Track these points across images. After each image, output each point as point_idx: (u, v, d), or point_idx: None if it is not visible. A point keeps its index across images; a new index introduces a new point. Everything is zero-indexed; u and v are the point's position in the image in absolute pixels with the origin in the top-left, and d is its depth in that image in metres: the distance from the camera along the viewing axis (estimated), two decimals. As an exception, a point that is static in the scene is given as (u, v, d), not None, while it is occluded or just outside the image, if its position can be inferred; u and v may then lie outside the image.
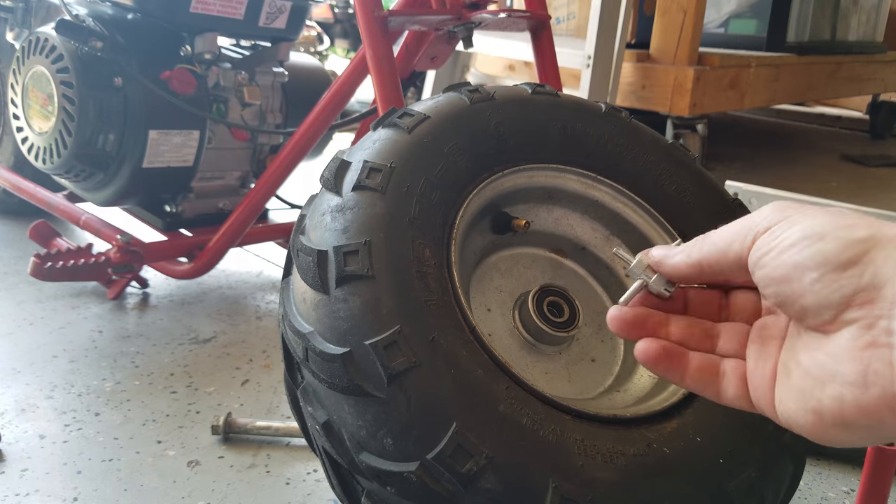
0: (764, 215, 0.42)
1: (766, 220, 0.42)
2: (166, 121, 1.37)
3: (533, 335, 0.73)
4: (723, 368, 0.47)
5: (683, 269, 0.46)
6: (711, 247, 0.45)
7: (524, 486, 0.55)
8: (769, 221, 0.42)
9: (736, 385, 0.46)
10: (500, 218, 0.77)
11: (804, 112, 4.27)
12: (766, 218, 0.42)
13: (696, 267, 0.46)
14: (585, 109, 0.82)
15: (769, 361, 0.44)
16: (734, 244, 0.43)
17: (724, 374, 0.47)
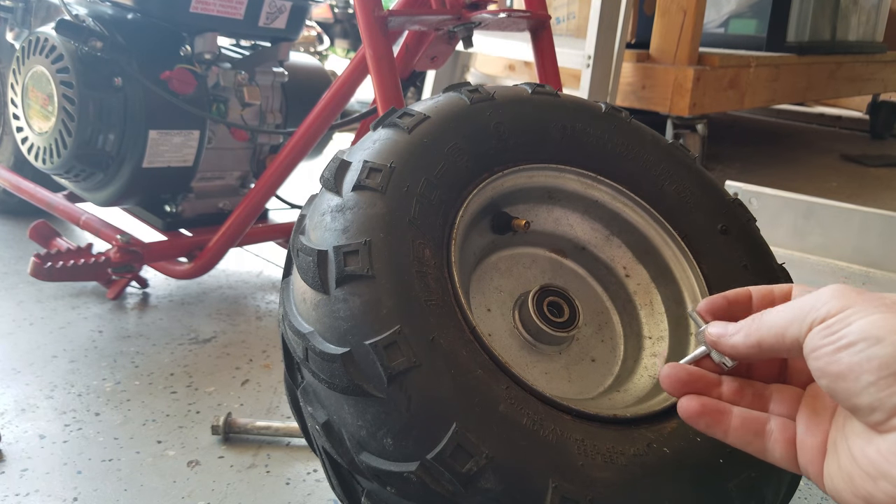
0: (823, 300, 0.42)
1: (824, 308, 0.41)
2: (166, 121, 1.37)
3: (533, 335, 0.73)
4: (769, 428, 0.48)
5: (742, 350, 0.47)
6: (769, 330, 0.45)
7: (524, 486, 0.55)
8: (828, 310, 0.41)
9: (783, 447, 0.47)
10: (500, 218, 0.77)
11: (804, 112, 4.27)
12: (825, 304, 0.42)
13: (754, 348, 0.46)
14: (585, 109, 0.82)
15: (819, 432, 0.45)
16: (791, 328, 0.43)
17: (771, 434, 0.48)
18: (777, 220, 1.57)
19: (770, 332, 0.44)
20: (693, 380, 0.50)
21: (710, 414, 0.49)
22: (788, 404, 0.48)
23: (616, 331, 0.81)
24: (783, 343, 0.43)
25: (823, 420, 0.45)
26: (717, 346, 0.49)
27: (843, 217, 1.50)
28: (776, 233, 1.57)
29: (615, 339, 0.80)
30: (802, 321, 0.42)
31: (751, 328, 0.46)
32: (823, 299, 0.42)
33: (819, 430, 0.45)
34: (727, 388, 0.50)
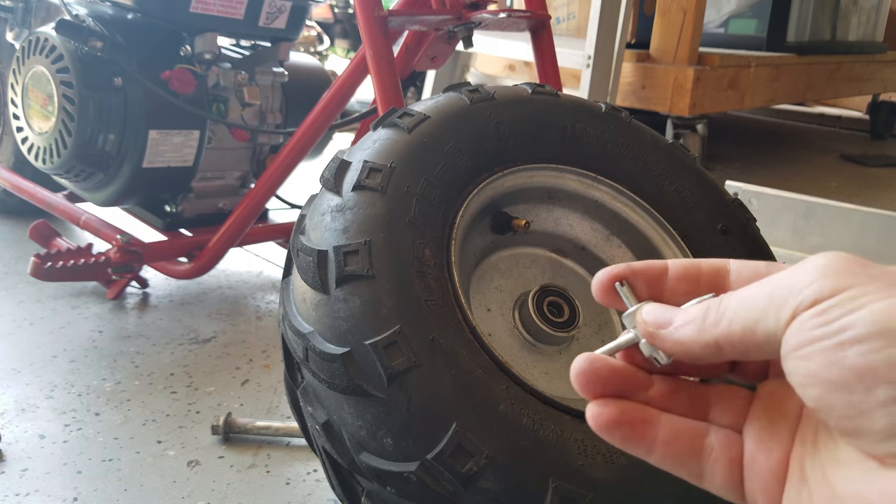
0: (809, 279, 0.29)
1: (812, 289, 0.28)
2: (166, 121, 1.37)
3: (533, 335, 0.73)
4: (708, 443, 0.34)
5: (693, 349, 0.33)
6: (735, 322, 0.31)
7: (524, 486, 0.55)
8: (817, 291, 0.28)
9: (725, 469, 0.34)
10: (500, 218, 0.77)
11: (804, 112, 4.27)
12: (811, 284, 0.28)
13: (710, 348, 0.32)
14: (585, 109, 0.82)
15: (776, 450, 0.32)
16: (766, 318, 0.29)
17: (710, 452, 0.34)
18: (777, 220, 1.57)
19: (737, 324, 0.31)
20: (616, 379, 0.36)
21: (629, 424, 0.35)
22: (736, 410, 0.35)
23: (616, 331, 0.81)
24: (753, 339, 0.30)
25: (782, 433, 0.32)
26: (655, 341, 0.35)
27: (843, 217, 1.50)
28: (776, 233, 1.57)
29: (615, 339, 0.80)
30: (781, 307, 0.29)
31: (706, 320, 0.32)
32: (808, 275, 0.29)
33: (776, 446, 0.32)
34: (657, 389, 0.36)
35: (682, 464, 0.35)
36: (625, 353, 0.37)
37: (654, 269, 0.37)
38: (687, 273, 0.36)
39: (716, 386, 0.36)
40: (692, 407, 0.36)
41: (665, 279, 0.37)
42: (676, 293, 0.36)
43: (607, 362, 0.37)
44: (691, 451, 0.34)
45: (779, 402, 0.33)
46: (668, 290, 0.36)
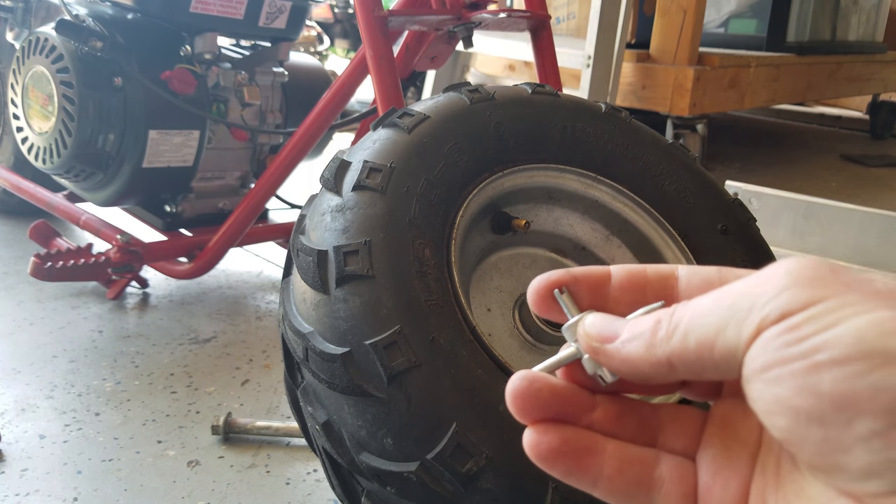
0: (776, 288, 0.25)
1: (780, 300, 0.25)
2: (166, 121, 1.37)
3: (533, 335, 0.73)
4: (658, 474, 0.30)
5: (642, 368, 0.28)
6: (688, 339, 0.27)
7: (524, 486, 0.55)
8: (786, 303, 0.24)
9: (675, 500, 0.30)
10: (500, 218, 0.77)
11: (804, 112, 4.27)
12: (779, 294, 0.25)
13: (662, 366, 0.28)
14: (585, 109, 0.82)
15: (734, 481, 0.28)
16: (726, 334, 0.26)
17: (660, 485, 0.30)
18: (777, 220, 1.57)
19: (691, 340, 0.26)
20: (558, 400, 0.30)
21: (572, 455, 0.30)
22: (688, 434, 0.31)
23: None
24: (711, 358, 0.26)
25: (740, 462, 0.28)
26: (599, 357, 0.30)
27: (843, 217, 1.50)
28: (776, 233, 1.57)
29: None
30: (743, 321, 0.25)
31: (657, 334, 0.28)
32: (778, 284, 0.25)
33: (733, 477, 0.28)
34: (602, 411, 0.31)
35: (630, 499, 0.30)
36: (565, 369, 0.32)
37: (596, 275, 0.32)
38: (632, 280, 0.32)
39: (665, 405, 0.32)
40: (641, 430, 0.31)
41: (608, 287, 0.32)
42: (621, 303, 0.32)
43: (548, 382, 0.30)
44: (639, 484, 0.30)
45: (735, 424, 0.29)
46: (612, 299, 0.32)
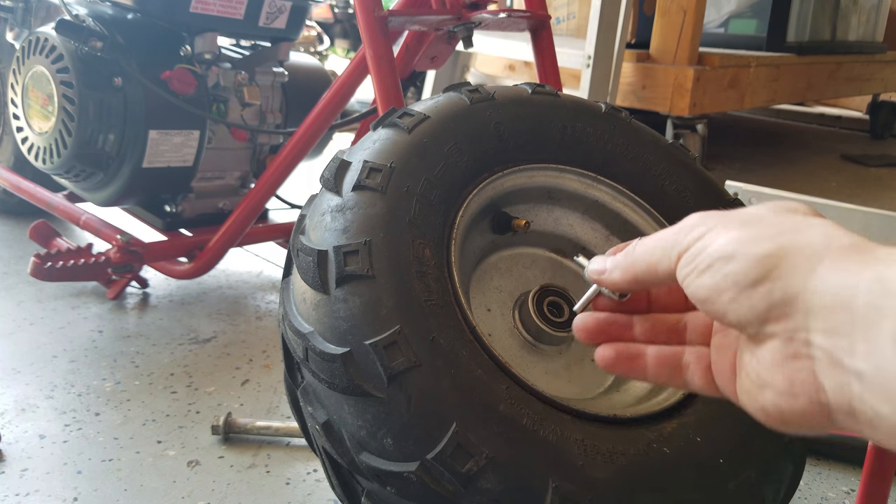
0: (686, 231, 0.42)
1: (687, 238, 0.42)
2: (166, 121, 1.37)
3: (533, 335, 0.73)
4: (686, 360, 0.48)
5: (623, 285, 0.47)
6: (642, 265, 0.45)
7: (524, 486, 0.55)
8: (690, 238, 0.42)
9: (702, 375, 0.47)
10: (500, 218, 0.77)
11: (804, 112, 4.27)
12: (687, 235, 0.42)
13: (633, 283, 0.46)
14: (585, 109, 0.82)
15: (729, 353, 0.44)
16: (662, 262, 0.43)
17: (688, 366, 0.48)
18: (777, 220, 1.56)
19: (642, 266, 0.45)
20: (603, 327, 0.50)
21: (625, 359, 0.49)
22: (702, 332, 0.48)
23: (616, 331, 0.81)
24: (657, 276, 0.44)
25: (731, 340, 0.44)
26: (601, 283, 0.48)
27: (843, 217, 1.50)
28: (776, 233, 1.56)
29: (615, 339, 0.80)
30: (670, 253, 0.43)
31: (626, 264, 0.46)
32: (686, 228, 0.42)
33: (728, 351, 0.44)
34: (640, 328, 0.49)
35: (670, 378, 0.48)
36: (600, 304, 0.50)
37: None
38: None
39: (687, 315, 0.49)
40: (672, 336, 0.49)
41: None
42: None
43: (595, 317, 0.50)
44: (674, 368, 0.48)
45: None
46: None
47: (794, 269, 0.37)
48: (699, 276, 0.40)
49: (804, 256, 0.38)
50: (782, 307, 0.38)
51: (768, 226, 0.40)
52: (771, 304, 0.38)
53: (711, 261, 0.40)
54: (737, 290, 0.39)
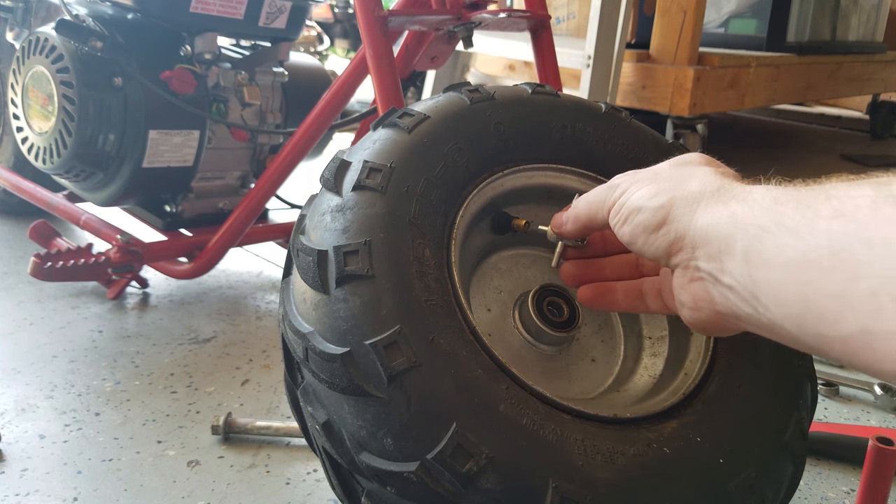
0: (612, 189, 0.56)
1: (613, 195, 0.55)
2: (166, 121, 1.37)
3: (533, 335, 0.73)
4: (644, 288, 0.62)
5: (576, 234, 0.63)
6: (584, 216, 0.60)
7: (524, 486, 0.55)
8: (615, 196, 0.55)
9: (655, 299, 0.61)
10: (500, 218, 0.77)
11: (804, 112, 4.27)
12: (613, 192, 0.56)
13: (582, 230, 0.62)
14: (585, 109, 0.82)
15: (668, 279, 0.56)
16: (598, 214, 0.58)
17: (646, 293, 0.62)
18: (777, 220, 1.56)
19: (585, 217, 0.59)
20: (584, 271, 0.66)
21: (601, 295, 0.65)
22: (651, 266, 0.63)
23: (616, 331, 0.81)
24: (598, 223, 0.58)
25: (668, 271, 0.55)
26: (560, 235, 0.64)
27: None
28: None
29: (615, 339, 0.80)
30: (602, 207, 0.57)
31: (573, 216, 0.61)
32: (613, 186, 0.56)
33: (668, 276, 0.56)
34: (609, 269, 0.65)
35: (635, 306, 0.63)
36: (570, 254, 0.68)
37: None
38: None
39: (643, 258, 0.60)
40: (633, 271, 0.65)
41: None
42: None
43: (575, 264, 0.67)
44: (637, 297, 0.63)
45: None
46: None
47: (681, 214, 0.50)
48: (622, 226, 0.54)
49: (686, 203, 0.50)
50: (678, 243, 0.50)
51: (665, 180, 0.52)
52: (669, 242, 0.51)
53: (628, 213, 0.54)
54: (646, 234, 0.52)
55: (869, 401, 1.25)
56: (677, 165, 0.54)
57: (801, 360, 0.71)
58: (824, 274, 0.40)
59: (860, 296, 0.38)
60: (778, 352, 0.70)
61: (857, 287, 0.39)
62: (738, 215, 0.47)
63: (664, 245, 0.51)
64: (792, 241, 0.43)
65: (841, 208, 0.41)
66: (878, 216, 0.39)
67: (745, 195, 0.48)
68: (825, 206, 0.42)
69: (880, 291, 0.38)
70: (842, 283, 0.39)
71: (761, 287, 0.44)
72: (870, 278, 0.38)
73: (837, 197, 0.42)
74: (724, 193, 0.49)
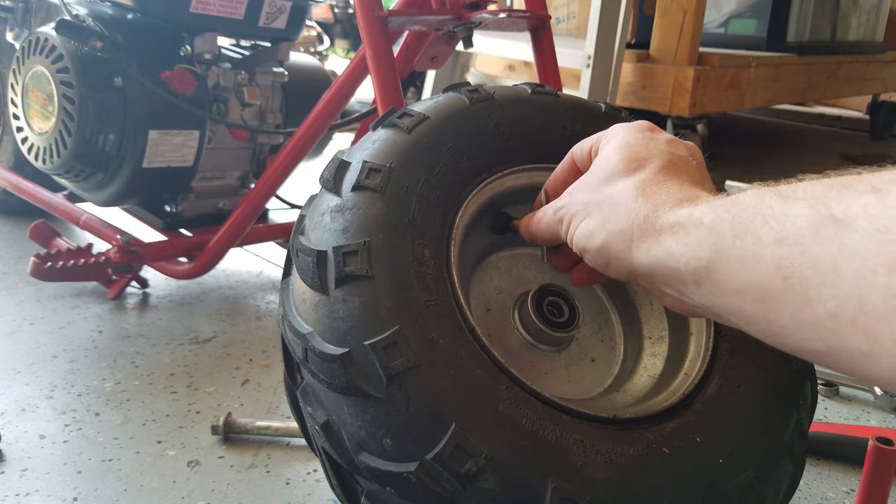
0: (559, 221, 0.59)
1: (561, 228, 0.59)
2: (166, 121, 1.37)
3: (532, 335, 0.73)
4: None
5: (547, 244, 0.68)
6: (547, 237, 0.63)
7: (523, 486, 0.55)
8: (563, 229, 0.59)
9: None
10: (500, 218, 0.77)
11: (804, 112, 4.27)
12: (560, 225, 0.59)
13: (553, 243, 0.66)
14: (585, 109, 0.82)
15: None
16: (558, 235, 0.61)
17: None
18: (777, 220, 1.56)
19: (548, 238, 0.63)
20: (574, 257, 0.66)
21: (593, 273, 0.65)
22: None
23: (616, 331, 0.81)
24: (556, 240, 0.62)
25: None
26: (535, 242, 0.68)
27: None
28: (776, 233, 1.56)
29: (615, 339, 0.80)
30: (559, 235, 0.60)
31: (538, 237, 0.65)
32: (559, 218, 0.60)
33: None
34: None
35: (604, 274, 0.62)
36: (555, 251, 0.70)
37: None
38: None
39: None
40: None
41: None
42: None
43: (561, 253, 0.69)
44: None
45: None
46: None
47: (619, 253, 0.52)
48: (582, 256, 0.57)
49: (621, 240, 0.52)
50: (631, 274, 0.52)
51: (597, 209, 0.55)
52: (624, 273, 0.53)
53: (579, 251, 0.57)
54: (602, 268, 0.55)
55: (869, 401, 1.25)
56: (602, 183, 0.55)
57: (801, 361, 0.71)
58: (780, 299, 0.41)
59: (820, 319, 0.39)
60: (778, 352, 0.70)
61: (815, 311, 0.39)
62: (674, 252, 0.48)
63: (622, 275, 0.53)
64: (740, 267, 0.43)
65: (781, 231, 0.41)
66: (820, 239, 0.39)
67: (673, 226, 0.48)
68: (764, 229, 0.42)
69: (840, 315, 0.38)
70: (799, 306, 0.40)
71: (724, 309, 0.46)
72: (826, 301, 0.38)
73: (775, 218, 0.42)
74: (651, 227, 0.50)
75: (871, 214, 0.38)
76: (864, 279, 0.37)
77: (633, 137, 0.58)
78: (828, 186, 0.42)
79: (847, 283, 0.37)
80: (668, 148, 0.57)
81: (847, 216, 0.39)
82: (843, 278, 0.38)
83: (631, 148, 0.56)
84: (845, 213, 0.39)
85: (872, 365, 0.37)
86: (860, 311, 0.37)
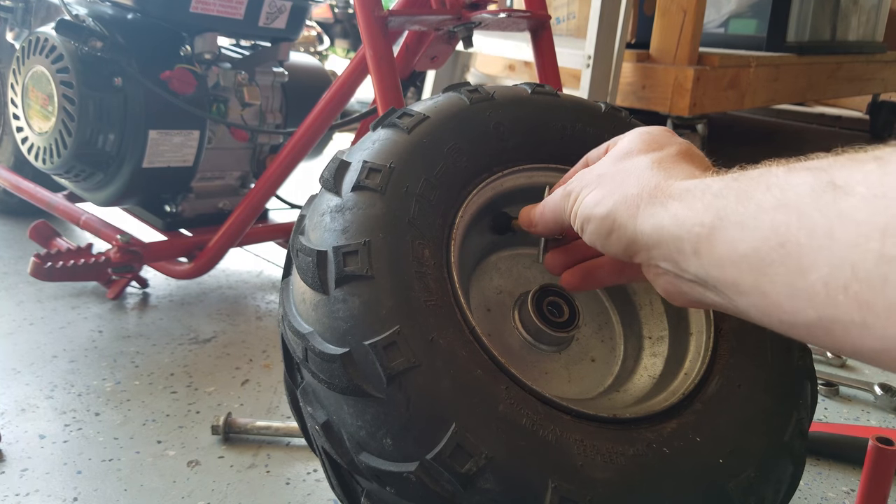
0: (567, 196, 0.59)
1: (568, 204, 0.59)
2: (166, 121, 1.37)
3: (532, 335, 0.73)
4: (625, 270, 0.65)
5: (549, 233, 0.67)
6: (550, 220, 0.63)
7: (523, 486, 0.55)
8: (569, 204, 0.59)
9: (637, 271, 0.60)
10: (500, 218, 0.77)
11: (804, 112, 4.27)
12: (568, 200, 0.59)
13: (554, 231, 0.65)
14: (585, 109, 0.82)
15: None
16: (562, 217, 0.61)
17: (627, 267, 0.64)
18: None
19: (551, 221, 0.63)
20: (569, 256, 0.68)
21: (586, 277, 0.67)
22: None
23: (616, 331, 0.81)
24: (564, 225, 0.61)
25: None
26: (535, 234, 0.67)
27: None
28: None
29: (615, 339, 0.80)
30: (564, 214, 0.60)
31: (542, 221, 0.64)
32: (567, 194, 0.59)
33: None
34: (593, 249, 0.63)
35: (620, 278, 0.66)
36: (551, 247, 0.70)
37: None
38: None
39: None
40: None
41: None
42: None
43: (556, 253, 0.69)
44: (620, 272, 0.65)
45: None
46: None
47: (624, 221, 0.52)
48: (582, 233, 0.57)
49: (627, 207, 0.52)
50: (632, 246, 0.52)
51: (607, 181, 0.55)
52: (623, 245, 0.53)
53: (582, 223, 0.56)
54: (602, 240, 0.55)
55: (869, 401, 1.25)
56: (618, 160, 0.56)
57: (801, 360, 0.71)
58: (775, 266, 0.41)
59: (812, 287, 0.39)
60: (778, 352, 0.70)
61: (809, 278, 0.39)
62: (679, 216, 0.48)
63: (621, 248, 0.53)
64: (739, 234, 0.43)
65: (782, 198, 0.41)
66: (819, 205, 0.39)
67: (682, 193, 0.48)
68: (766, 195, 0.42)
69: (831, 282, 0.37)
70: (793, 274, 0.40)
71: (720, 281, 0.46)
72: (819, 268, 0.38)
73: (778, 186, 0.42)
74: (661, 193, 0.50)
75: (871, 181, 0.37)
76: (858, 245, 0.36)
77: (653, 129, 0.60)
78: (834, 159, 0.42)
79: (840, 249, 0.37)
80: (686, 143, 0.58)
81: (847, 183, 0.38)
82: (837, 243, 0.37)
83: (650, 135, 0.58)
84: (846, 181, 0.38)
85: (864, 336, 0.36)
86: (853, 278, 0.36)
